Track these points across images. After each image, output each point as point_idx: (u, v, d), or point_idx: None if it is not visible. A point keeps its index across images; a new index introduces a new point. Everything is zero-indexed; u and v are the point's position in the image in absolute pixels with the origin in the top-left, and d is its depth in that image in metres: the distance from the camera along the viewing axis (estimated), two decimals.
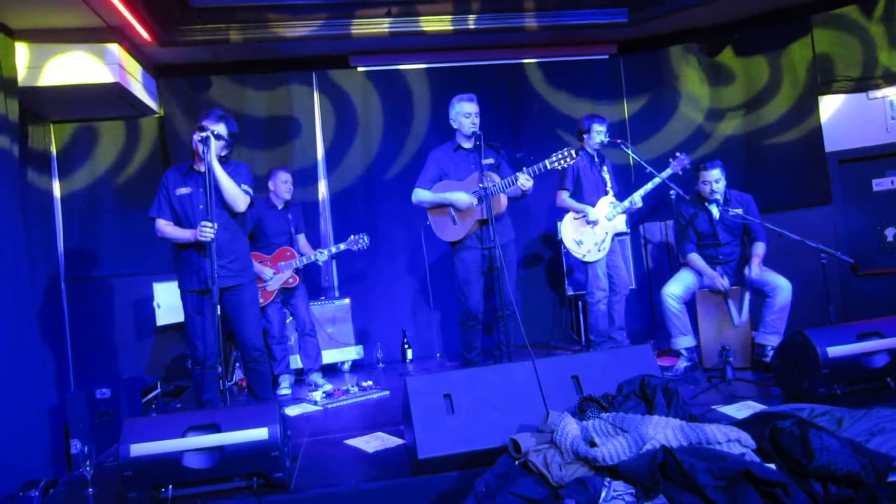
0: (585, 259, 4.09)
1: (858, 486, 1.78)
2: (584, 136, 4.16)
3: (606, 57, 5.57)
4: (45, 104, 4.50)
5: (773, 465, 1.87)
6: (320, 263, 4.39)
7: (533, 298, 5.41)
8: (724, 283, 3.72)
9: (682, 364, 3.75)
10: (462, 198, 3.48)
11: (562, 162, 3.32)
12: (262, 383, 3.36)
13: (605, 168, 4.21)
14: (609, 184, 4.18)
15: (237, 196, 3.14)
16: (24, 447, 3.79)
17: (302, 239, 4.43)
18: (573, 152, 3.30)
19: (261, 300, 4.16)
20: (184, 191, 3.19)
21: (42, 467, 3.92)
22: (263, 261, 4.21)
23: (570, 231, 4.13)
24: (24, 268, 4.07)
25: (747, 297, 3.70)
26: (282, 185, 4.25)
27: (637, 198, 4.05)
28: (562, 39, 5.35)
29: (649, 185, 4.06)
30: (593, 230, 4.07)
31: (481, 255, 3.55)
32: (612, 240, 4.13)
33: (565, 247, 4.18)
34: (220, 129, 3.12)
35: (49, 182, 4.78)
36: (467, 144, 3.62)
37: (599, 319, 4.13)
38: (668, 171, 4.04)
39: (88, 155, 4.93)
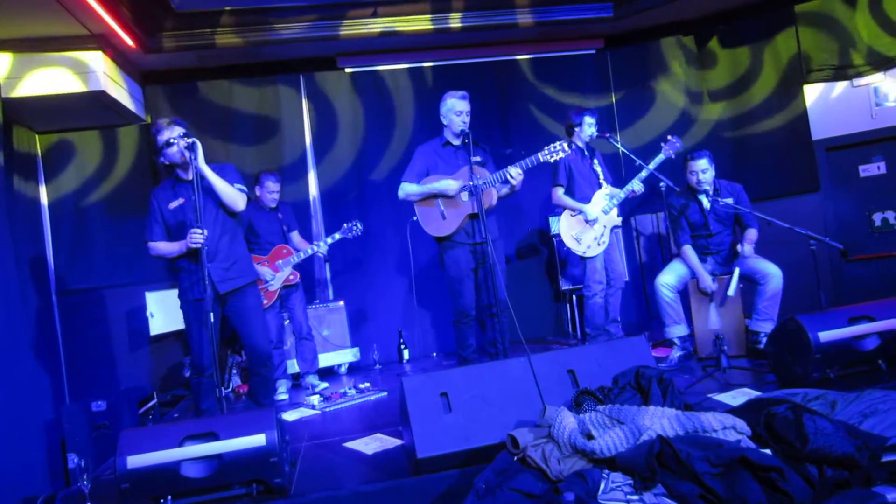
0: (586, 255, 4.06)
1: (853, 467, 1.80)
2: (576, 129, 4.15)
3: (593, 52, 5.59)
4: (29, 114, 4.46)
5: (768, 451, 1.89)
6: (320, 255, 4.37)
7: (527, 294, 5.41)
8: (712, 286, 3.74)
9: (675, 353, 3.77)
10: (451, 185, 3.47)
11: (554, 155, 3.33)
12: (267, 390, 3.33)
13: (595, 161, 4.22)
14: (601, 176, 4.19)
15: (235, 196, 3.09)
16: (21, 463, 3.75)
17: (296, 236, 4.43)
18: (565, 145, 3.31)
19: (264, 301, 4.14)
20: (176, 204, 3.12)
21: (40, 483, 3.88)
22: (261, 262, 4.19)
23: (568, 228, 4.10)
24: (13, 282, 4.03)
25: (736, 272, 3.71)
26: (268, 195, 4.26)
27: (637, 184, 4.01)
28: (548, 35, 5.36)
29: (643, 173, 4.03)
30: (592, 226, 4.07)
31: (471, 251, 3.55)
32: (610, 232, 4.14)
33: (565, 244, 4.14)
34: (179, 131, 3.02)
35: (36, 193, 4.74)
36: (455, 141, 3.62)
37: (596, 313, 4.14)
38: (661, 157, 4.01)
39: (76, 165, 4.88)
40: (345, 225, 4.30)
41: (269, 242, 4.26)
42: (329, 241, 4.32)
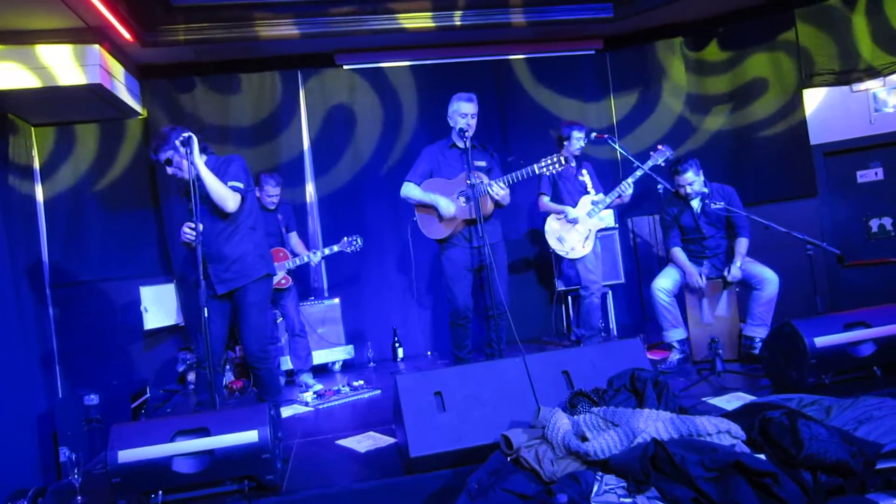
0: (569, 256, 4.21)
1: (847, 474, 1.80)
2: (565, 142, 4.27)
3: (593, 52, 5.58)
4: (25, 107, 4.43)
5: (763, 456, 1.88)
6: (313, 264, 4.36)
7: (523, 294, 5.40)
8: (700, 281, 3.75)
9: (674, 357, 3.78)
10: (445, 205, 3.46)
11: (550, 168, 3.35)
12: (264, 387, 3.29)
13: (584, 171, 4.33)
14: (590, 185, 4.29)
15: (224, 196, 3.00)
16: (13, 455, 3.74)
17: (294, 237, 4.41)
18: (563, 159, 3.34)
19: None
20: (191, 206, 3.08)
21: (31, 476, 3.87)
22: None
23: (553, 230, 4.27)
24: (6, 274, 4.02)
25: (724, 295, 3.72)
26: (267, 198, 4.23)
27: (628, 183, 4.09)
28: (548, 35, 5.35)
29: (638, 173, 4.11)
30: (576, 228, 4.17)
31: (469, 253, 3.55)
32: (596, 237, 4.22)
33: (550, 246, 4.28)
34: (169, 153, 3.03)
35: (31, 187, 4.71)
36: (461, 144, 3.60)
37: (592, 313, 4.17)
38: (649, 163, 4.09)
39: (72, 158, 4.85)
40: (345, 238, 4.30)
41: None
42: (326, 251, 4.32)
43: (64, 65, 4.04)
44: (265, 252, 3.24)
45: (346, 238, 4.30)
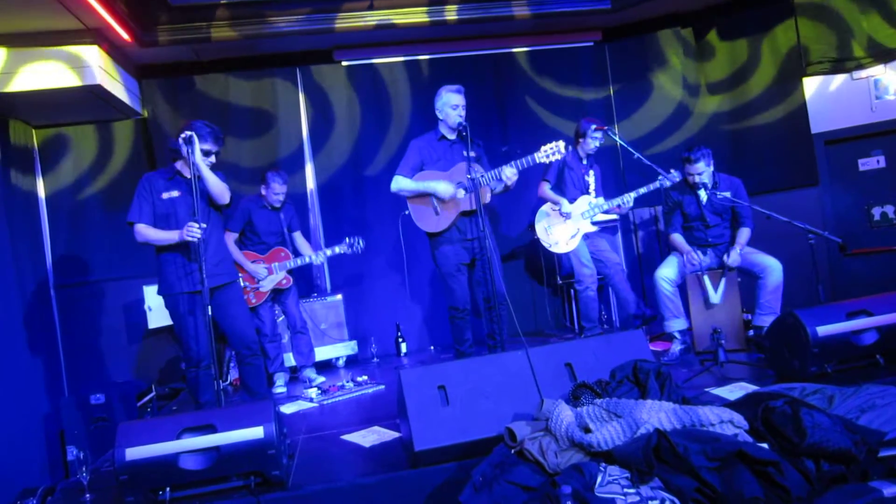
0: (553, 249, 4.25)
1: (850, 462, 1.81)
2: (580, 139, 4.24)
3: (591, 44, 5.56)
4: (25, 109, 4.44)
5: (765, 445, 1.89)
6: (315, 264, 4.37)
7: (526, 287, 5.42)
8: (696, 258, 3.76)
9: (676, 347, 3.78)
10: (445, 188, 3.46)
11: (551, 156, 3.35)
12: (258, 378, 3.37)
13: (591, 172, 4.30)
14: (593, 187, 4.28)
15: (223, 189, 3.18)
16: (21, 455, 3.77)
17: (299, 237, 4.38)
18: (561, 146, 3.33)
19: (253, 300, 4.15)
20: (172, 194, 3.17)
21: (39, 475, 3.91)
22: (256, 260, 4.18)
23: (543, 220, 4.30)
24: (10, 275, 4.04)
25: (723, 281, 3.73)
26: (273, 196, 4.21)
27: (630, 197, 4.09)
28: (546, 28, 5.33)
29: (642, 189, 4.09)
30: (565, 223, 4.19)
31: (462, 247, 3.55)
32: (597, 236, 4.25)
33: (536, 234, 4.31)
34: (208, 146, 3.11)
35: (33, 187, 4.72)
36: (451, 135, 3.60)
37: (590, 305, 4.19)
38: (656, 184, 4.06)
39: (73, 159, 4.87)
40: (347, 239, 4.29)
41: (265, 243, 4.24)
42: (328, 252, 4.32)
43: (63, 66, 4.04)
44: None
45: (347, 239, 4.28)
